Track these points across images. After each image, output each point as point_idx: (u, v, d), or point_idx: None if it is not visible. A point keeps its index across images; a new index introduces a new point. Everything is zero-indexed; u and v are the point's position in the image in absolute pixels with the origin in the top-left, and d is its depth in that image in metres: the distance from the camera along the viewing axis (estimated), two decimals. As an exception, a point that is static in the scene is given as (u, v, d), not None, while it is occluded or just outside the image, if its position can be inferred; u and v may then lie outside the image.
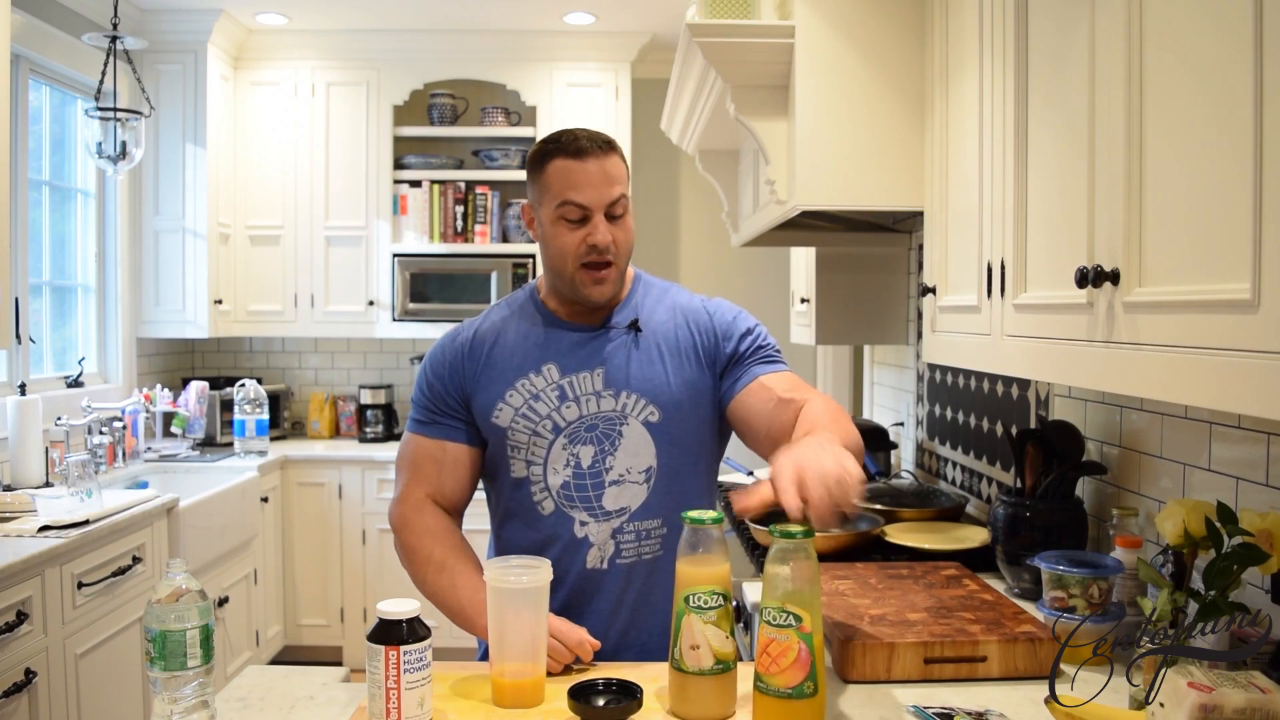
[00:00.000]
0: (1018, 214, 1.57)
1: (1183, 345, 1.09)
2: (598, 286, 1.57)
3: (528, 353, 1.62)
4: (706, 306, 1.68)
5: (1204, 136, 1.06)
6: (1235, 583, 1.23)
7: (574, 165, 1.53)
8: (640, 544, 1.60)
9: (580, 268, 1.56)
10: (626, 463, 1.59)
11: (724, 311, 1.67)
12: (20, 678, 2.36)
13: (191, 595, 1.24)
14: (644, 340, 1.62)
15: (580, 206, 1.53)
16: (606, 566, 1.60)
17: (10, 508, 2.77)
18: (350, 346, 4.94)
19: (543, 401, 1.59)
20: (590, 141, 1.54)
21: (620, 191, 1.56)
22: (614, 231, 1.55)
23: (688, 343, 1.63)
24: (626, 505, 1.59)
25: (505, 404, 1.60)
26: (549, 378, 1.60)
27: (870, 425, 3.09)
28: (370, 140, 4.53)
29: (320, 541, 4.30)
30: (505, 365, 1.62)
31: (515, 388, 1.60)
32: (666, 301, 1.68)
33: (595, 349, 1.61)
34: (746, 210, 3.09)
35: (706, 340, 1.63)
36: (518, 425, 1.59)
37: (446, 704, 1.35)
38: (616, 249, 1.56)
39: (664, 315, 1.65)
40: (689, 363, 1.62)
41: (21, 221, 3.51)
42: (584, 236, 1.54)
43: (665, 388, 1.59)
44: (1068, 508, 1.93)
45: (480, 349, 1.64)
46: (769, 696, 1.23)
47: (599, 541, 1.59)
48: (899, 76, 2.14)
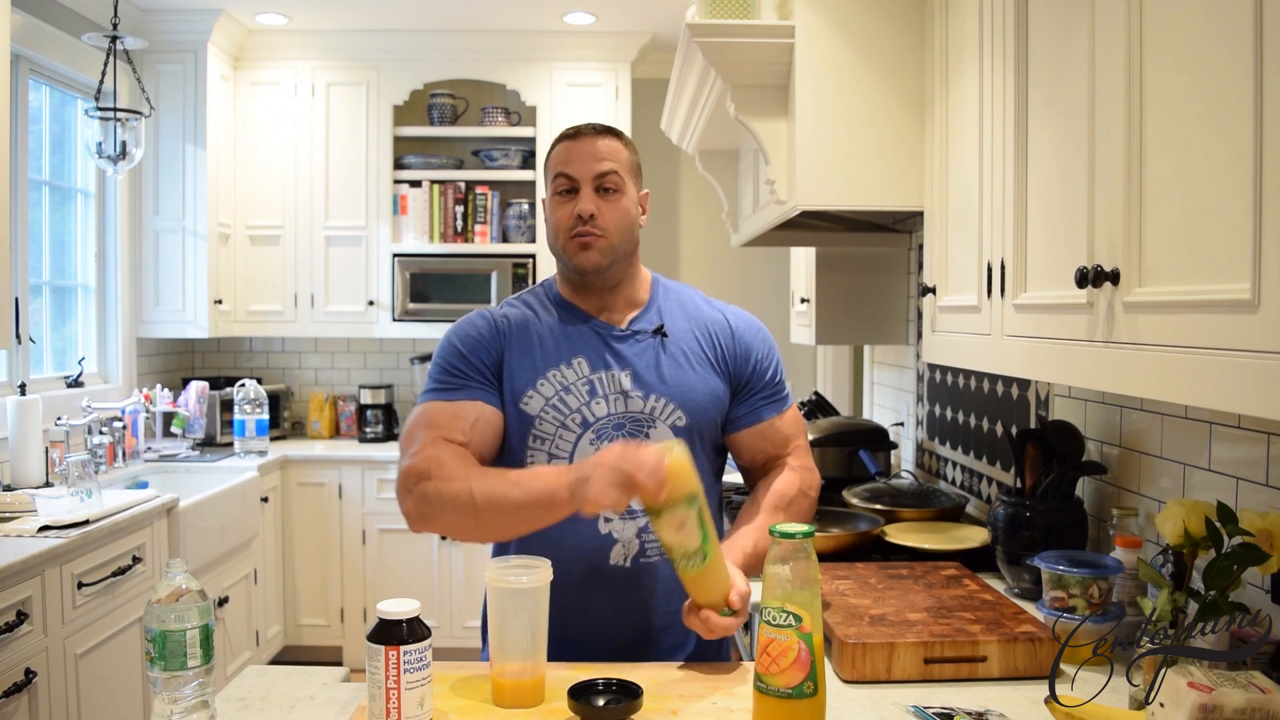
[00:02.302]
0: (1018, 214, 1.57)
1: (1182, 345, 1.09)
2: (584, 253, 1.58)
3: (558, 344, 1.62)
4: (729, 319, 1.70)
5: (1204, 136, 1.06)
6: (1235, 583, 1.23)
7: (569, 144, 1.61)
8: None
9: (570, 238, 1.59)
10: None
11: (746, 330, 1.70)
12: (20, 678, 2.36)
13: (191, 595, 1.24)
14: (670, 345, 1.64)
15: (569, 178, 1.59)
16: (630, 565, 1.59)
17: (10, 508, 2.77)
18: (350, 346, 4.94)
19: (574, 394, 1.59)
20: (590, 127, 1.62)
21: (610, 167, 1.60)
22: (602, 205, 1.59)
23: (713, 353, 1.66)
24: None
25: (536, 392, 1.58)
26: (579, 371, 1.60)
27: (870, 425, 3.09)
28: (370, 140, 4.53)
29: (320, 541, 4.30)
30: (537, 352, 1.61)
31: (547, 377, 1.59)
32: (689, 309, 1.69)
33: (623, 349, 1.62)
34: (746, 210, 3.09)
35: (730, 355, 1.67)
36: (546, 416, 1.58)
37: (446, 704, 1.35)
38: (605, 223, 1.58)
39: (687, 323, 1.67)
40: (714, 372, 1.65)
41: (21, 221, 3.51)
42: (572, 208, 1.59)
43: (693, 393, 1.62)
44: (1068, 508, 1.93)
45: (510, 331, 1.62)
46: (769, 696, 1.23)
47: (624, 539, 1.59)
48: (899, 76, 2.14)
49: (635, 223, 1.64)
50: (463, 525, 1.47)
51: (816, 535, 1.26)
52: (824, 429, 3.05)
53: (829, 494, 2.80)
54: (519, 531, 1.47)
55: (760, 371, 1.68)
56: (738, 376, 1.67)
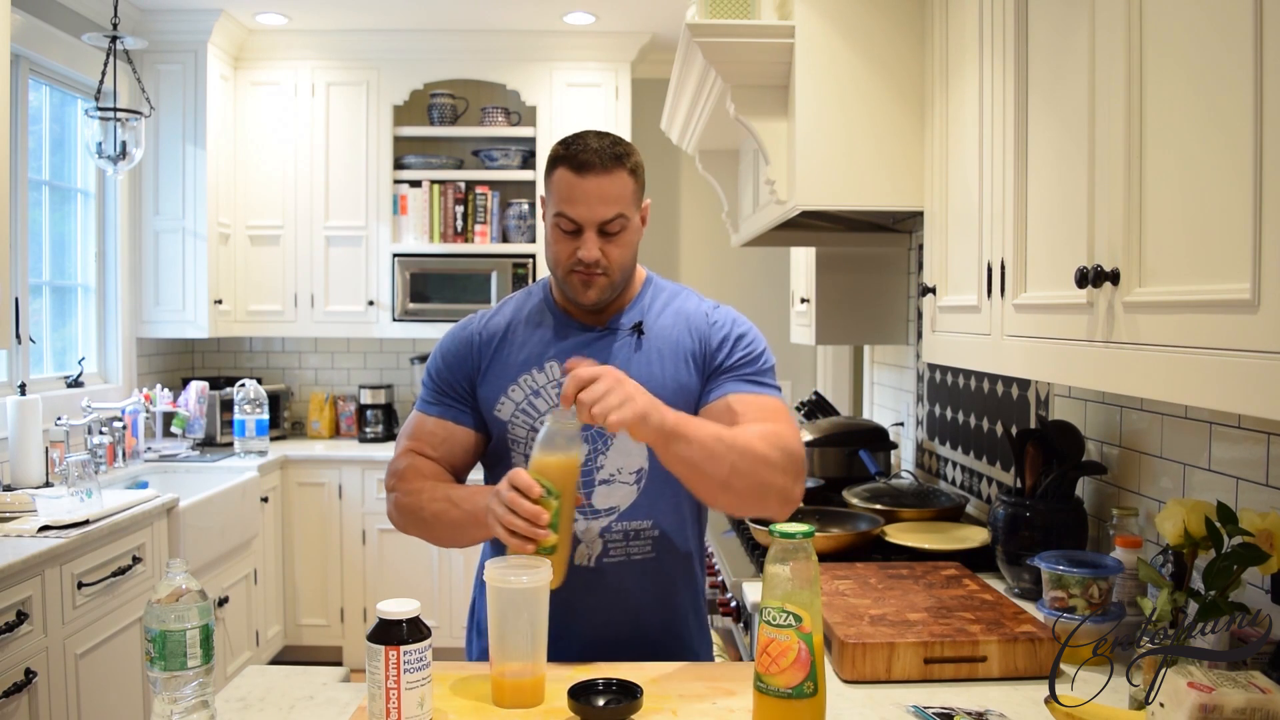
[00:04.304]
0: (1018, 214, 1.57)
1: (1183, 345, 1.09)
2: (586, 290, 1.58)
3: (533, 349, 1.64)
4: (710, 313, 1.66)
5: (1204, 135, 1.06)
6: (1235, 583, 1.23)
7: (574, 180, 1.53)
8: (629, 544, 1.60)
9: (570, 272, 1.58)
10: (618, 462, 1.59)
11: (724, 321, 1.65)
12: (20, 678, 2.36)
13: (191, 595, 1.24)
14: (646, 343, 1.63)
15: (572, 220, 1.54)
16: (594, 565, 1.60)
17: (10, 508, 2.77)
18: (350, 346, 4.94)
19: (542, 398, 1.61)
20: (597, 156, 1.52)
21: (616, 211, 1.54)
22: (606, 247, 1.55)
23: (685, 348, 1.63)
24: (616, 505, 1.60)
25: (507, 398, 1.62)
26: (550, 374, 1.62)
27: (870, 425, 3.09)
28: (370, 140, 4.53)
29: (320, 541, 4.30)
30: (511, 360, 1.64)
31: (518, 383, 1.62)
32: (674, 306, 1.67)
33: (598, 349, 1.62)
34: (746, 210, 3.09)
35: (701, 346, 1.63)
36: (517, 420, 1.62)
37: (446, 704, 1.35)
38: (607, 264, 1.56)
39: (669, 319, 1.65)
40: (684, 367, 1.62)
41: (21, 221, 3.51)
42: (574, 249, 1.55)
43: (660, 390, 1.57)
44: (1068, 508, 1.93)
45: (489, 342, 1.66)
46: (769, 696, 1.23)
47: (587, 540, 1.59)
48: (899, 76, 2.14)
49: (635, 248, 1.62)
50: (423, 534, 1.61)
51: (816, 535, 1.26)
52: (824, 429, 3.05)
53: (829, 494, 2.80)
54: (468, 543, 1.57)
55: (735, 352, 1.61)
56: (710, 360, 1.62)
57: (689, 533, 1.67)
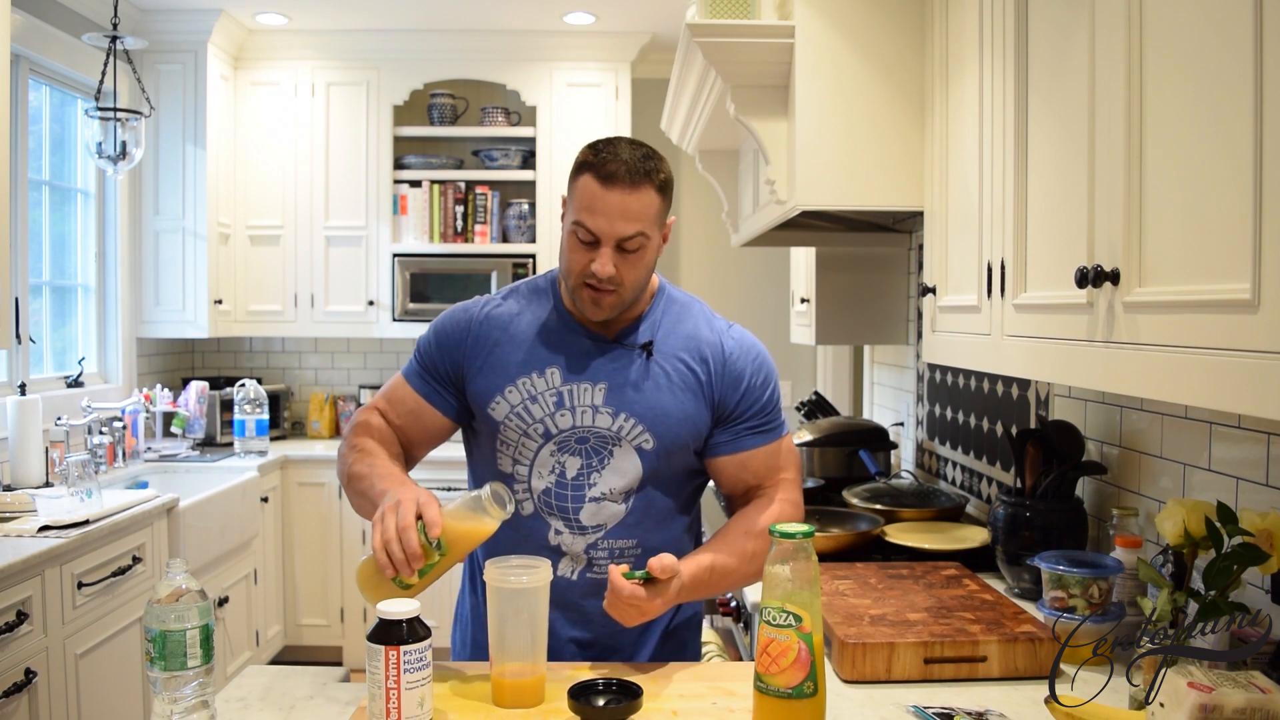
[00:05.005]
0: (1018, 214, 1.57)
1: (1183, 345, 1.09)
2: (594, 307, 1.53)
3: (534, 350, 1.58)
4: (724, 342, 1.61)
5: (1204, 135, 1.06)
6: (1235, 583, 1.23)
7: (597, 190, 1.47)
8: (613, 561, 1.57)
9: (582, 284, 1.53)
10: (611, 482, 1.56)
11: (738, 356, 1.60)
12: (20, 678, 2.36)
13: (191, 595, 1.24)
14: (654, 366, 1.57)
15: (590, 232, 1.49)
16: (576, 578, 1.58)
17: (10, 508, 2.77)
18: (350, 346, 4.94)
19: (539, 404, 1.56)
20: (625, 169, 1.47)
21: (637, 229, 1.48)
22: (622, 264, 1.50)
23: (695, 378, 1.58)
24: (603, 523, 1.57)
25: (503, 399, 1.57)
26: (550, 381, 1.57)
27: (870, 425, 3.09)
28: (370, 140, 4.53)
29: (320, 541, 4.30)
30: (510, 359, 1.58)
31: (515, 385, 1.57)
32: (687, 326, 1.61)
33: (603, 362, 1.57)
34: (746, 210, 3.09)
35: (718, 381, 1.58)
36: (510, 423, 1.57)
37: (446, 704, 1.35)
38: (620, 282, 1.50)
39: (679, 343, 1.59)
40: (691, 398, 1.57)
41: (21, 221, 3.51)
42: (589, 261, 1.50)
43: (665, 418, 1.55)
44: (1068, 508, 1.93)
45: (489, 334, 1.60)
46: (769, 696, 1.23)
47: (572, 553, 1.58)
48: (899, 76, 2.14)
49: (653, 267, 1.57)
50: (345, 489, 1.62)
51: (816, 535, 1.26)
52: (824, 429, 3.05)
53: (829, 494, 2.80)
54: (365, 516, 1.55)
55: (750, 400, 1.59)
56: (723, 404, 1.58)
57: (681, 550, 1.60)
